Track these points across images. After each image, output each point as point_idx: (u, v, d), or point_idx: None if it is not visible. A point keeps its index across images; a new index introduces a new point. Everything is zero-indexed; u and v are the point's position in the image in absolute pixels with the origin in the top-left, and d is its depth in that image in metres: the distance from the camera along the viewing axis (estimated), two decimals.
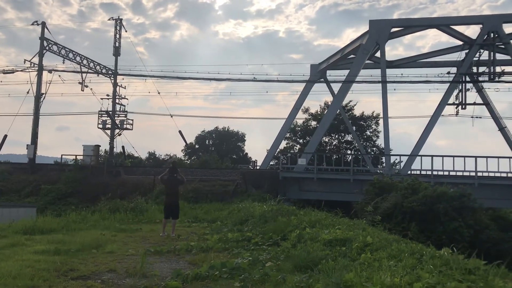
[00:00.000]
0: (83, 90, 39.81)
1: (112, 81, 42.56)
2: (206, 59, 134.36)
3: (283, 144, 43.33)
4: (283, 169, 26.63)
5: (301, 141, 46.07)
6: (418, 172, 25.55)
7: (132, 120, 41.07)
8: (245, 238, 11.37)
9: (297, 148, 45.42)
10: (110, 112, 40.20)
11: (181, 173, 13.98)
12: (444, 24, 27.88)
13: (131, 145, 74.52)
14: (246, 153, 65.59)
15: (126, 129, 40.45)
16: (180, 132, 40.52)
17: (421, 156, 25.43)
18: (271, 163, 34.72)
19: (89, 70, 40.13)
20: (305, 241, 9.29)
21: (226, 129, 67.22)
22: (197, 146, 64.25)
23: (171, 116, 45.87)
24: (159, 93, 42.55)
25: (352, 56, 30.76)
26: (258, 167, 31.72)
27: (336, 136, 45.70)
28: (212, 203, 23.55)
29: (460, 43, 29.04)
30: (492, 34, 26.01)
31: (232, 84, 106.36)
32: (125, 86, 43.89)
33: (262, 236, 11.40)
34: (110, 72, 42.37)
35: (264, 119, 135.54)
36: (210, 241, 11.08)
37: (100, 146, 31.28)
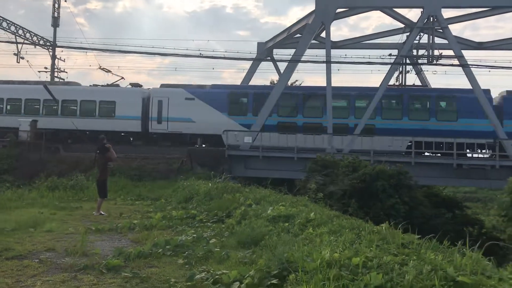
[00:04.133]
0: (18, 62, 37.80)
1: (51, 53, 40.56)
2: (150, 32, 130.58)
3: None
4: (230, 147, 26.66)
5: None
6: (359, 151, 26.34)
7: None
8: (189, 216, 11.36)
9: None
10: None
11: (111, 150, 13.66)
12: (387, 6, 28.55)
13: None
14: None
15: None
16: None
17: (362, 135, 26.24)
18: None
19: (26, 41, 37.94)
20: (249, 217, 9.42)
21: None
22: None
23: None
24: (100, 67, 41.01)
25: (298, 35, 30.93)
26: (203, 145, 31.51)
27: None
28: (156, 181, 23.27)
29: (402, 26, 29.91)
30: (431, 18, 26.96)
31: (177, 59, 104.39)
32: (64, 59, 42.09)
33: (207, 213, 11.43)
34: (48, 43, 40.32)
35: None
36: (154, 219, 10.97)
37: (37, 121, 29.82)
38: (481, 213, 25.35)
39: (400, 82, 32.39)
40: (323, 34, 29.36)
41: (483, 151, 26.44)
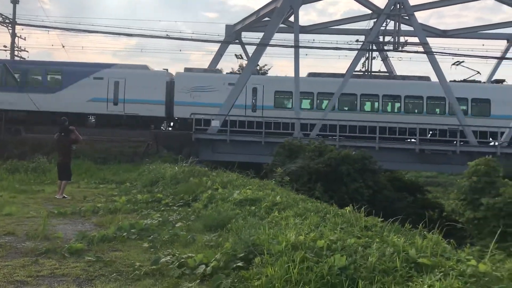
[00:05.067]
0: None
1: (10, 31, 38.98)
2: (116, 12, 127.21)
3: None
4: (196, 131, 26.46)
5: None
6: (325, 136, 26.64)
7: None
8: (155, 199, 11.25)
9: None
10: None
11: (75, 132, 13.34)
12: None
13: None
14: None
15: None
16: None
17: (328, 120, 26.53)
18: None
19: None
20: (216, 201, 9.41)
21: None
22: None
23: None
24: (63, 46, 39.81)
25: (267, 18, 30.77)
26: (170, 128, 31.12)
27: None
28: (121, 164, 22.92)
29: (369, 11, 30.18)
30: (398, 5, 27.30)
31: (144, 40, 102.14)
32: (25, 38, 40.53)
33: (173, 197, 11.34)
34: (7, 21, 38.68)
35: None
36: (118, 202, 10.81)
37: None
38: (441, 197, 26.10)
39: (366, 68, 32.82)
40: (292, 18, 29.30)
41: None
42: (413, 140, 26.70)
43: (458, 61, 30.54)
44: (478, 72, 31.03)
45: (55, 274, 5.35)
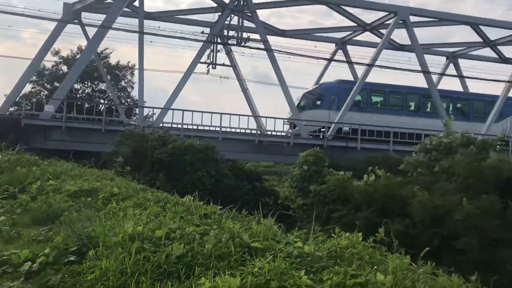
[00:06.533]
0: None
1: None
2: None
3: (28, 88, 38.83)
4: (26, 115, 24.05)
5: (49, 86, 42.13)
6: (169, 125, 26.52)
7: None
8: None
9: (45, 93, 41.44)
10: None
11: None
12: None
13: None
14: None
15: None
16: None
17: (173, 109, 26.46)
18: (11, 109, 30.76)
19: None
20: (47, 193, 8.70)
21: None
22: None
23: None
24: None
25: (110, 1, 29.25)
26: None
27: (89, 84, 43.41)
28: None
29: (215, 5, 30.71)
30: (242, 1, 28.31)
31: None
32: None
33: None
34: None
35: (5, 57, 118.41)
36: None
37: None
38: (277, 185, 27.86)
39: (211, 60, 33.35)
40: (137, 3, 28.37)
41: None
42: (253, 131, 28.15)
43: None
44: None
45: None
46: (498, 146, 20.28)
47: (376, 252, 4.38)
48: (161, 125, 26.12)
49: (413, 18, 30.80)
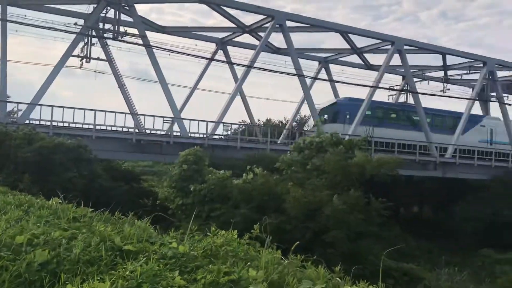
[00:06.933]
0: None
1: None
2: None
3: None
4: None
5: None
6: (37, 123, 24.52)
7: None
8: None
9: None
10: None
11: None
12: None
13: None
14: None
15: None
16: None
17: (41, 105, 24.45)
18: None
19: None
20: None
21: None
22: None
23: None
24: None
25: None
26: None
27: None
28: None
29: None
30: None
31: None
32: None
33: None
34: None
35: None
36: None
37: None
38: (156, 186, 27.34)
39: (85, 54, 31.50)
40: None
41: None
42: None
43: None
44: None
45: None
46: (362, 146, 22.15)
47: (250, 249, 4.49)
48: (27, 122, 24.03)
49: (289, 24, 32.28)
